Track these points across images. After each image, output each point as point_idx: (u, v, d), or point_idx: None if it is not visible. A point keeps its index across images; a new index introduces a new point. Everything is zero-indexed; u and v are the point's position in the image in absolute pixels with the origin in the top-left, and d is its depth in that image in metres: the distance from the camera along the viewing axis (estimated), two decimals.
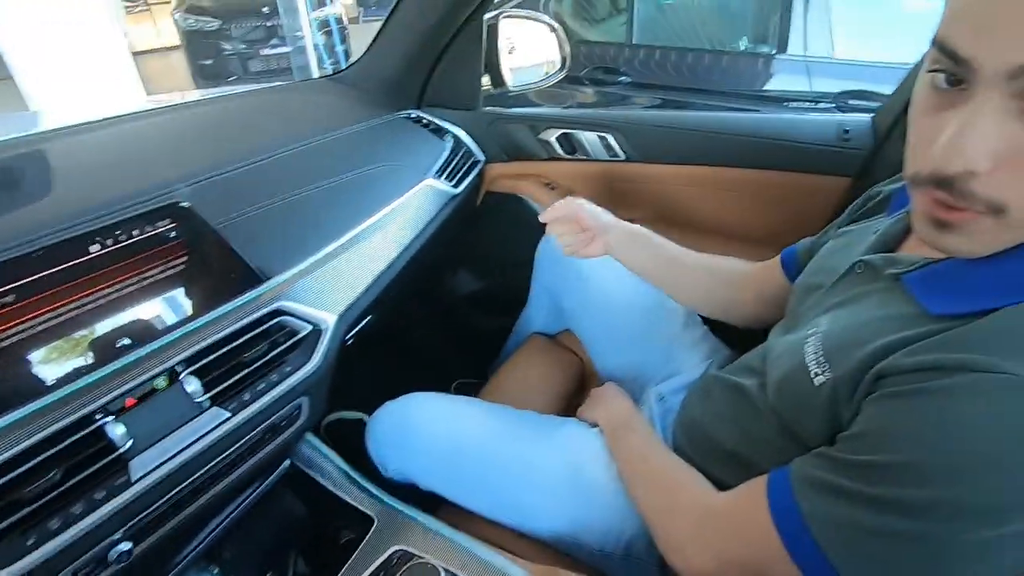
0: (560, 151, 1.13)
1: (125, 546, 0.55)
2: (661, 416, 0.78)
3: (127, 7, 7.66)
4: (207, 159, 0.76)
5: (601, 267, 0.91)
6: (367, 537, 0.68)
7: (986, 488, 0.35)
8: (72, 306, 0.57)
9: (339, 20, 5.23)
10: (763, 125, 0.99)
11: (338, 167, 0.89)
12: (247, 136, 0.88)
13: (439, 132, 1.12)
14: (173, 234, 0.64)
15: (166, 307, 0.63)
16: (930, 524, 0.37)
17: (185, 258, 0.65)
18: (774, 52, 2.25)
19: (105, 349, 0.58)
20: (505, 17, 1.11)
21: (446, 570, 0.60)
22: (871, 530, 0.39)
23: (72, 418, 0.53)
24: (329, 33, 4.98)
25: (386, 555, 0.65)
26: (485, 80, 1.15)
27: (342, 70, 1.21)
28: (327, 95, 1.12)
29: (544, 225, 0.99)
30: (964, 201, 0.37)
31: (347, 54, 5.46)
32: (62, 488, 0.51)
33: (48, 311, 0.55)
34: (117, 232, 0.60)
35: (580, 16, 2.74)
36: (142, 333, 0.60)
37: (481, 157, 1.18)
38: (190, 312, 0.64)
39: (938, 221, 0.40)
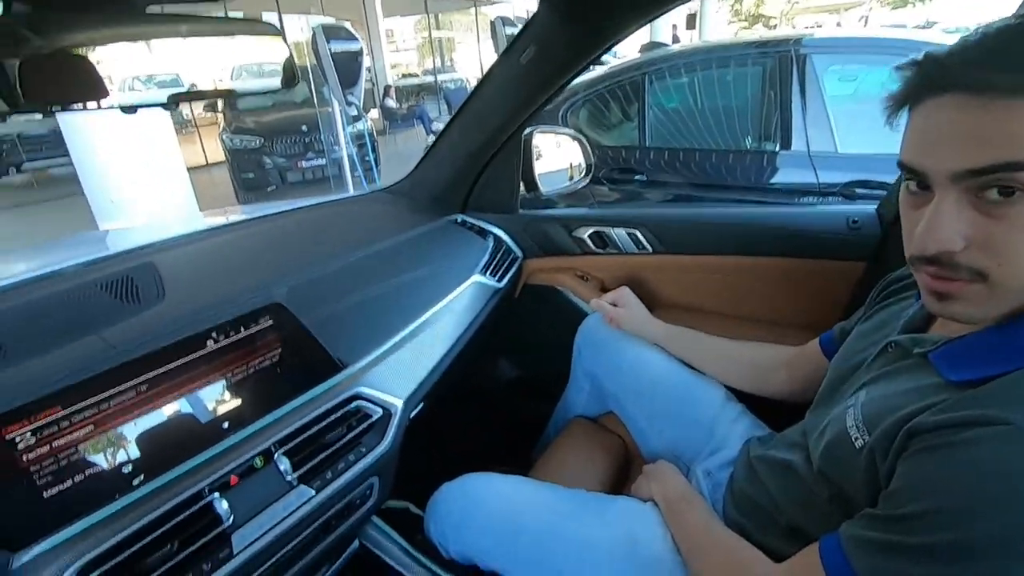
0: (592, 246, 1.24)
1: None
2: (711, 491, 0.81)
3: (177, 127, 8.49)
4: (293, 264, 0.88)
5: (642, 351, 0.98)
6: None
7: (1012, 523, 0.40)
8: (187, 394, 0.65)
9: (371, 134, 5.74)
10: (778, 217, 1.09)
11: (399, 268, 1.00)
12: (323, 242, 1.00)
13: (482, 233, 1.25)
14: (271, 330, 0.74)
15: (262, 394, 0.71)
16: (968, 565, 0.41)
17: (279, 349, 0.74)
18: (778, 149, 2.43)
19: (213, 431, 0.66)
20: (539, 132, 1.27)
21: None
22: None
23: (186, 495, 0.60)
24: (362, 145, 5.44)
25: None
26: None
27: (393, 184, 1.37)
28: (384, 205, 1.27)
29: (582, 314, 1.09)
30: (952, 272, 0.47)
31: (377, 162, 5.92)
32: (177, 559, 0.57)
33: (170, 399, 0.64)
34: (229, 329, 0.70)
35: (595, 124, 3.00)
36: (243, 417, 0.68)
37: (519, 253, 1.29)
38: (283, 397, 0.72)
39: (938, 293, 0.49)
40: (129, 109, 0.74)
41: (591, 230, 1.23)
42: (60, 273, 0.82)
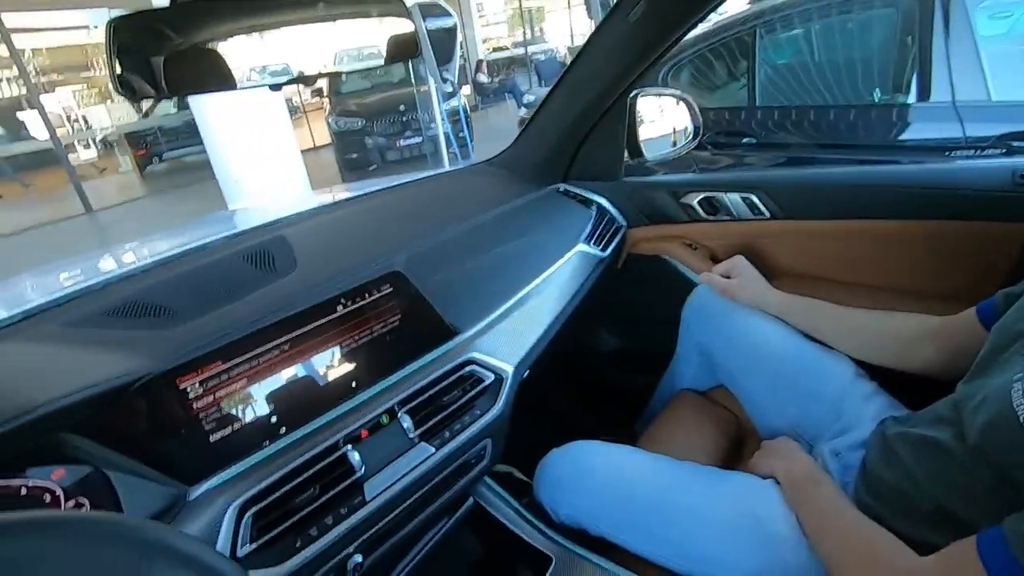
0: (702, 213, 1.18)
1: (358, 558, 0.65)
2: (840, 473, 0.76)
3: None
4: (407, 235, 0.92)
5: (758, 323, 0.93)
6: (547, 575, 0.73)
7: None
8: (322, 355, 0.71)
9: (465, 110, 5.83)
10: (924, 175, 0.97)
11: (505, 237, 1.01)
12: (434, 214, 1.04)
13: (585, 202, 1.23)
14: (391, 296, 0.78)
15: (386, 357, 0.75)
16: None
17: (399, 315, 0.78)
18: (914, 101, 2.16)
19: (344, 389, 0.71)
20: (643, 96, 1.22)
21: None
22: None
23: (323, 445, 0.66)
24: (456, 122, 5.54)
25: None
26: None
27: (495, 157, 1.38)
28: (487, 177, 1.29)
29: (690, 285, 1.04)
30: None
31: (470, 138, 6.02)
32: (320, 501, 0.62)
33: (306, 359, 0.70)
34: (354, 295, 0.75)
35: (697, 86, 2.83)
36: (369, 377, 0.73)
37: (623, 222, 1.26)
38: (403, 360, 0.76)
39: None
40: (264, 85, 0.80)
41: (701, 196, 1.17)
42: (208, 247, 0.92)
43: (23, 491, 0.52)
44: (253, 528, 0.59)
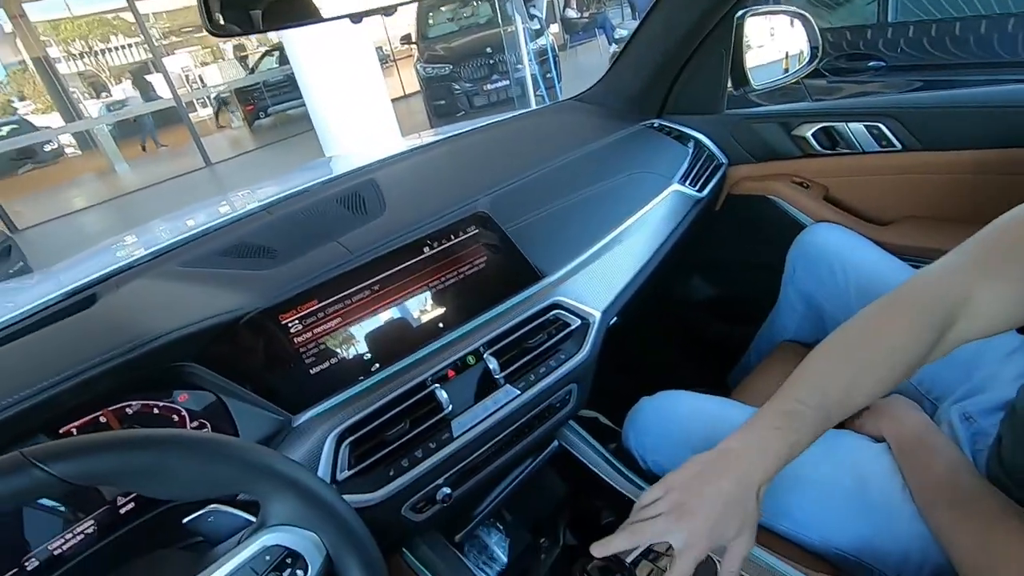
0: (817, 146, 1.05)
1: (447, 490, 0.68)
2: (969, 440, 0.67)
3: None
4: (494, 176, 0.90)
5: (878, 265, 0.83)
6: None
7: None
8: (410, 295, 0.72)
9: (553, 48, 5.60)
10: None
11: (594, 177, 0.96)
12: (520, 154, 1.01)
13: (681, 138, 1.14)
14: (477, 238, 0.77)
15: (472, 298, 0.76)
16: None
17: (485, 257, 0.77)
18: None
19: (432, 329, 0.72)
20: (751, 16, 1.08)
21: (718, 561, 0.60)
22: None
23: (413, 383, 0.68)
24: (544, 62, 5.34)
25: None
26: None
27: (584, 92, 1.30)
28: (576, 114, 1.23)
29: (798, 226, 0.94)
30: None
31: (558, 79, 5.79)
32: (409, 435, 0.65)
33: (396, 299, 0.71)
34: (440, 237, 0.75)
35: (812, 3, 2.50)
36: (455, 318, 0.74)
37: (724, 160, 1.16)
38: (489, 303, 0.76)
39: None
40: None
41: (817, 127, 1.04)
42: (306, 191, 0.96)
43: (155, 411, 0.58)
44: (351, 456, 0.62)
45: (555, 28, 9.48)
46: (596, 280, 0.84)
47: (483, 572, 0.74)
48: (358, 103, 4.26)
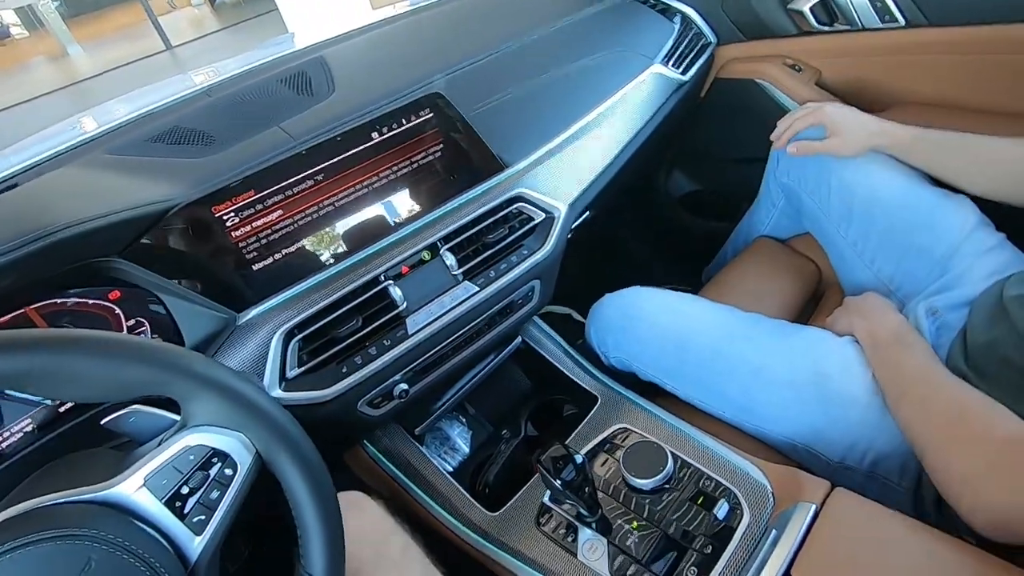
0: (814, 22, 0.95)
1: (404, 386, 0.67)
2: (933, 334, 0.67)
3: None
4: (453, 54, 0.80)
5: (868, 163, 0.78)
6: (591, 413, 0.73)
7: None
8: (359, 186, 0.67)
9: None
10: None
11: (566, 56, 0.87)
12: (484, 30, 0.90)
13: (667, 12, 1.03)
14: (432, 123, 0.70)
15: (427, 190, 0.70)
16: None
17: (441, 145, 0.71)
18: None
19: (384, 224, 0.68)
20: None
21: (673, 453, 0.62)
22: None
23: (365, 279, 0.65)
24: None
25: (611, 430, 0.69)
26: None
27: None
28: None
29: (785, 113, 0.88)
30: None
31: None
32: (362, 333, 0.63)
33: (343, 190, 0.66)
34: (391, 121, 0.68)
35: None
36: (409, 212, 0.69)
37: (712, 39, 1.05)
38: (446, 195, 0.71)
39: None
40: None
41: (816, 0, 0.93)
42: (251, 72, 0.86)
43: (84, 310, 0.54)
44: (301, 354, 0.61)
45: None
46: (564, 171, 0.79)
47: (444, 461, 0.76)
48: None
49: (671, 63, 0.97)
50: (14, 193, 0.63)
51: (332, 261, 0.64)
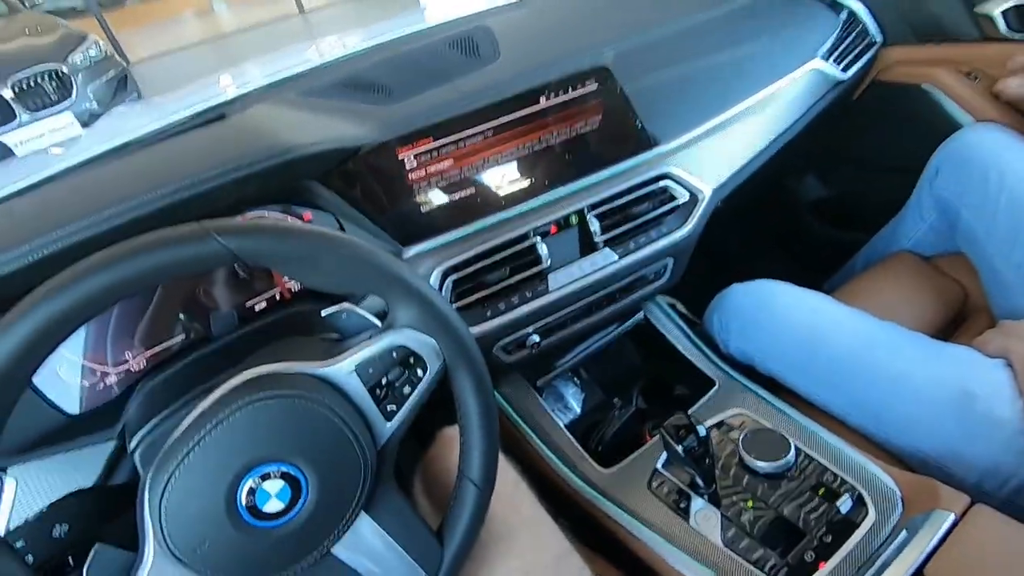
0: (1002, 28, 0.88)
1: (536, 338, 0.72)
2: None
3: None
4: (621, 29, 0.83)
5: None
6: (708, 394, 0.74)
7: None
8: (521, 147, 0.71)
9: None
10: None
11: (729, 41, 0.86)
12: (652, 7, 0.91)
13: (835, 6, 0.99)
14: (596, 94, 0.73)
15: (581, 157, 0.74)
16: None
17: (600, 116, 0.74)
18: None
19: (538, 185, 0.72)
20: None
21: (796, 447, 0.62)
22: None
23: (516, 232, 0.69)
24: None
25: (729, 413, 0.70)
26: None
27: None
28: None
29: (952, 125, 0.83)
30: None
31: None
32: (509, 282, 0.68)
33: (507, 148, 0.70)
34: (559, 88, 0.71)
35: None
36: (562, 176, 0.73)
37: (878, 38, 1.00)
38: (599, 164, 0.74)
39: None
40: None
41: (1012, 3, 0.86)
42: (419, 33, 0.93)
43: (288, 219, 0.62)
44: (453, 293, 0.66)
45: None
46: (712, 155, 0.79)
47: (558, 416, 0.80)
48: None
49: (832, 59, 0.94)
50: (229, 122, 0.73)
51: (490, 212, 0.69)
